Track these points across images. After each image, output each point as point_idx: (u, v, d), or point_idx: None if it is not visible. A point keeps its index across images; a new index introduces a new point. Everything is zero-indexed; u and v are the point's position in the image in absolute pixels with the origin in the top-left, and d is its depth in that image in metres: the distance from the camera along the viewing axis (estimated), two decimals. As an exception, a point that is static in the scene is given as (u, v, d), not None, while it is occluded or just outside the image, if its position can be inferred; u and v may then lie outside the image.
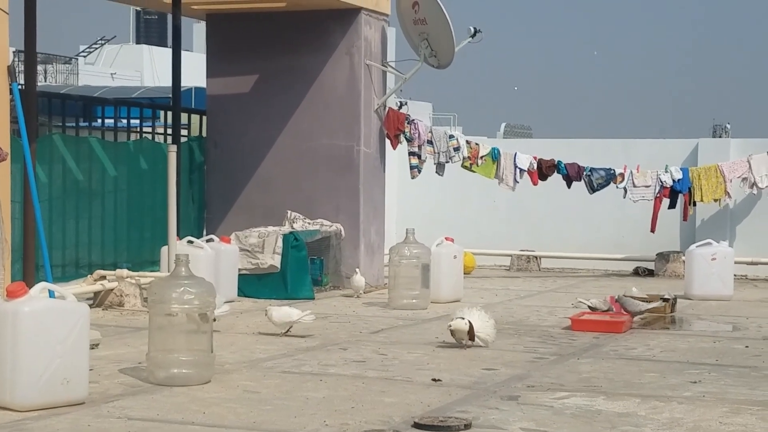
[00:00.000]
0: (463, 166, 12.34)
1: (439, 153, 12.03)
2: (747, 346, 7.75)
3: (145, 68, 40.16)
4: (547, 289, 11.82)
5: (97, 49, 43.36)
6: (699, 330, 8.90)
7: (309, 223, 11.05)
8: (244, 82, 11.64)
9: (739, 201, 13.50)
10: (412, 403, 5.63)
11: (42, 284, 5.64)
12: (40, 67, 34.58)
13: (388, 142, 11.76)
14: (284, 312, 7.89)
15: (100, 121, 12.35)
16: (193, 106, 16.05)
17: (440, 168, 12.14)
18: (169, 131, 11.52)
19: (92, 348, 6.36)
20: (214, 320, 7.56)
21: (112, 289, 9.16)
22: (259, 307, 9.64)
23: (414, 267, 9.69)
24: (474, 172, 12.47)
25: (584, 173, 12.75)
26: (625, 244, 13.91)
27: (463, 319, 7.30)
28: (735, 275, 11.32)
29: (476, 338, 7.31)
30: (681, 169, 13.00)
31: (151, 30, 48.27)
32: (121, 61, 41.12)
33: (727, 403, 5.74)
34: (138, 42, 45.53)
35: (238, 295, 10.12)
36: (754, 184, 12.98)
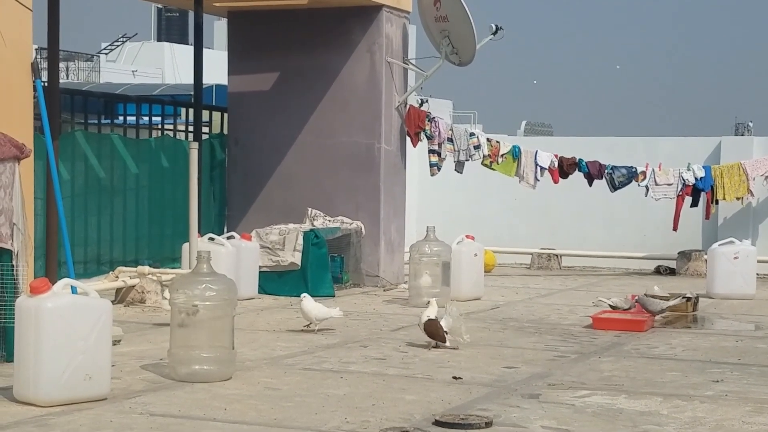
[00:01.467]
0: (483, 164, 12.31)
1: (459, 151, 12.00)
2: (770, 346, 7.70)
3: (167, 66, 40.25)
4: (567, 288, 11.78)
5: (118, 46, 43.51)
6: (721, 329, 8.85)
7: (329, 221, 11.05)
8: (265, 79, 11.65)
9: (762, 199, 13.41)
10: (432, 401, 5.62)
11: (65, 280, 5.67)
12: (62, 65, 34.71)
13: (408, 139, 11.75)
14: (318, 308, 7.90)
15: (121, 118, 12.39)
16: (214, 104, 16.08)
17: (460, 166, 12.12)
18: (191, 128, 11.56)
19: (114, 344, 6.38)
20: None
21: (133, 286, 9.20)
22: (280, 305, 9.67)
23: (434, 265, 9.69)
24: (494, 170, 12.44)
25: (606, 171, 12.70)
26: (647, 243, 13.85)
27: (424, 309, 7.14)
28: (758, 274, 11.26)
29: (447, 339, 7.12)
30: (703, 167, 12.92)
31: (173, 27, 48.38)
32: (143, 58, 41.23)
33: (750, 403, 5.71)
34: (159, 39, 45.65)
35: (259, 293, 10.14)
36: (776, 183, 12.89)
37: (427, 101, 12.02)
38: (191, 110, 11.52)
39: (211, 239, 9.75)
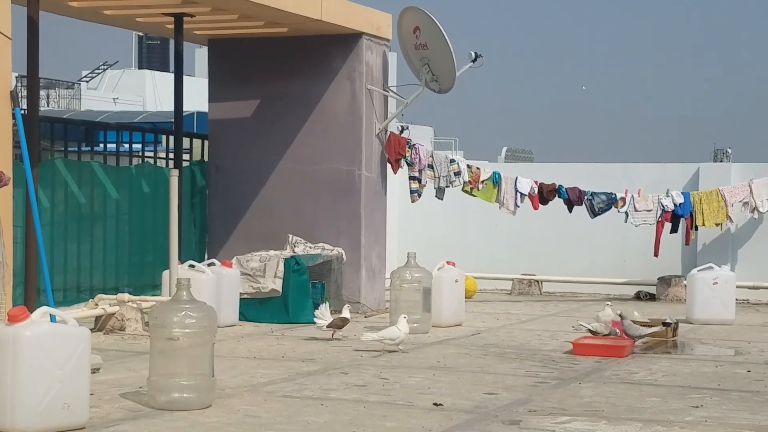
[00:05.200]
0: (463, 190, 12.36)
1: (439, 177, 12.04)
2: (749, 371, 7.73)
3: (148, 93, 40.26)
4: (548, 314, 11.79)
5: (99, 74, 43.48)
6: (701, 354, 8.88)
7: (310, 247, 11.05)
8: (246, 106, 11.67)
9: (740, 225, 13.49)
10: (413, 428, 5.61)
11: (43, 308, 5.64)
12: (42, 92, 34.66)
13: (389, 166, 11.78)
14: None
15: (102, 145, 12.37)
16: (194, 131, 16.09)
17: (440, 192, 12.16)
18: (171, 156, 11.55)
19: (93, 372, 6.35)
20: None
21: (113, 314, 9.16)
22: (260, 332, 9.65)
23: (415, 291, 9.69)
24: (475, 196, 12.48)
25: (585, 197, 12.76)
26: (627, 269, 13.90)
27: None
28: (737, 299, 11.31)
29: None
30: (682, 193, 13.00)
31: (154, 55, 48.42)
32: (124, 86, 41.23)
33: (729, 428, 5.72)
34: (140, 67, 45.66)
35: (240, 319, 10.11)
36: (755, 209, 12.98)
37: (407, 128, 12.07)
38: (172, 137, 11.52)
39: (192, 266, 9.72)
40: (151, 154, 11.98)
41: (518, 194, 12.50)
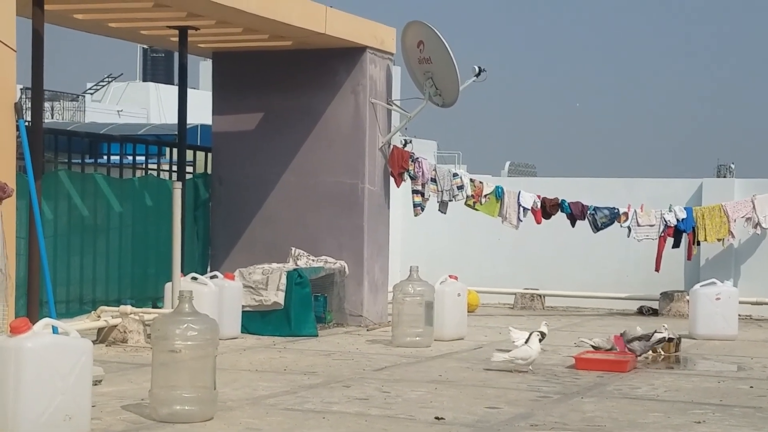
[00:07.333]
0: (466, 204, 12.37)
1: (442, 191, 12.05)
2: (752, 387, 7.72)
3: (152, 105, 40.36)
4: (550, 328, 11.71)
5: (104, 86, 43.59)
6: (703, 370, 8.87)
7: (313, 260, 11.05)
8: (250, 119, 11.70)
9: (743, 241, 13.48)
10: (414, 442, 5.60)
11: (45, 320, 5.64)
12: (47, 104, 34.75)
13: (392, 180, 11.79)
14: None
15: (105, 157, 12.40)
16: (198, 143, 16.11)
17: (443, 206, 12.17)
18: (175, 168, 11.57)
19: (95, 384, 6.35)
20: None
21: (115, 326, 9.16)
22: (262, 344, 9.65)
23: (418, 305, 9.69)
24: (478, 210, 12.49)
25: (588, 212, 12.76)
26: (629, 283, 13.89)
27: None
28: (739, 315, 11.28)
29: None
30: (685, 208, 13.00)
31: (158, 68, 48.58)
32: (128, 98, 41.33)
33: (732, 444, 5.71)
34: (145, 79, 45.79)
35: (242, 332, 10.11)
36: (758, 224, 12.98)
37: (410, 141, 12.08)
38: (175, 150, 11.54)
39: (194, 279, 9.73)
40: (155, 166, 12.00)
41: (521, 208, 12.51)
